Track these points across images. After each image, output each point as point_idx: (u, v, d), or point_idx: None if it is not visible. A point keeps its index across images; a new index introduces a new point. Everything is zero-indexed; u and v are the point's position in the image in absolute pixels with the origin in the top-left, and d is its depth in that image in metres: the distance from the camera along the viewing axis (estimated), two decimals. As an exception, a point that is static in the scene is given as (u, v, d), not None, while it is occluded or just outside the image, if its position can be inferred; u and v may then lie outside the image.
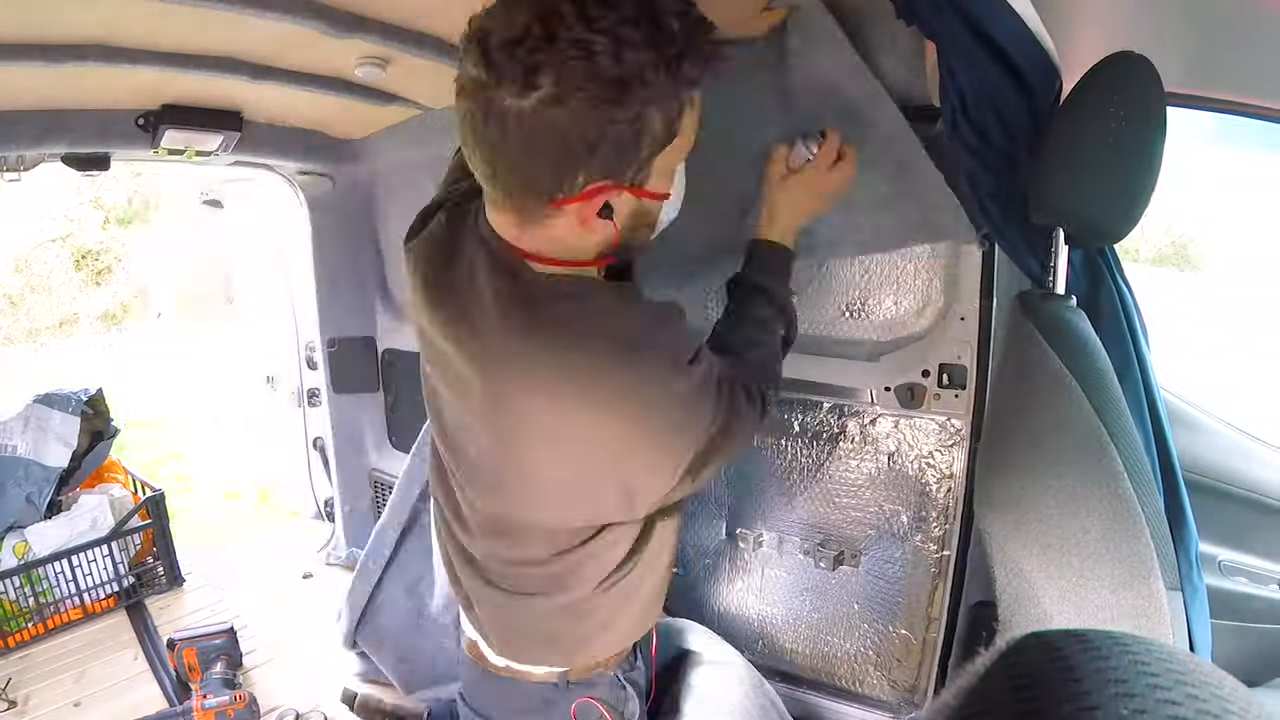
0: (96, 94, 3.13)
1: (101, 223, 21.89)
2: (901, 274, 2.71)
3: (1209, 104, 2.06)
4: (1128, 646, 0.60)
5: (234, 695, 2.33)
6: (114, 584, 3.02)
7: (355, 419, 4.97)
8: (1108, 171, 1.68)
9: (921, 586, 2.82)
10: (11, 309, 20.59)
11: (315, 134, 4.12)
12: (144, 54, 2.68)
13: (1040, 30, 1.82)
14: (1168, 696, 0.53)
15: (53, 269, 21.45)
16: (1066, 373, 1.71)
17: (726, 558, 3.22)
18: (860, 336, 2.85)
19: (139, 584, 3.12)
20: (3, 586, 2.80)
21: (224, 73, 2.87)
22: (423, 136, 3.78)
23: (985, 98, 1.86)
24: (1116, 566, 1.65)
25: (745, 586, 3.18)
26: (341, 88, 3.21)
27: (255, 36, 2.64)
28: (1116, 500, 1.64)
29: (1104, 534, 1.66)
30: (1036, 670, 0.61)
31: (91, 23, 2.45)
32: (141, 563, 3.18)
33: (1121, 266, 2.00)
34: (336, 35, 2.49)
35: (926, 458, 2.75)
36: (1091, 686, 0.56)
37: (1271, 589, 2.51)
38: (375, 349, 4.89)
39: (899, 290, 2.74)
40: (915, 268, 2.68)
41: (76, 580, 2.92)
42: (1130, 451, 1.68)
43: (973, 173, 1.97)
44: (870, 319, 2.82)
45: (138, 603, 3.08)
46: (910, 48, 2.29)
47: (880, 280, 2.76)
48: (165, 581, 3.21)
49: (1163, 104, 1.65)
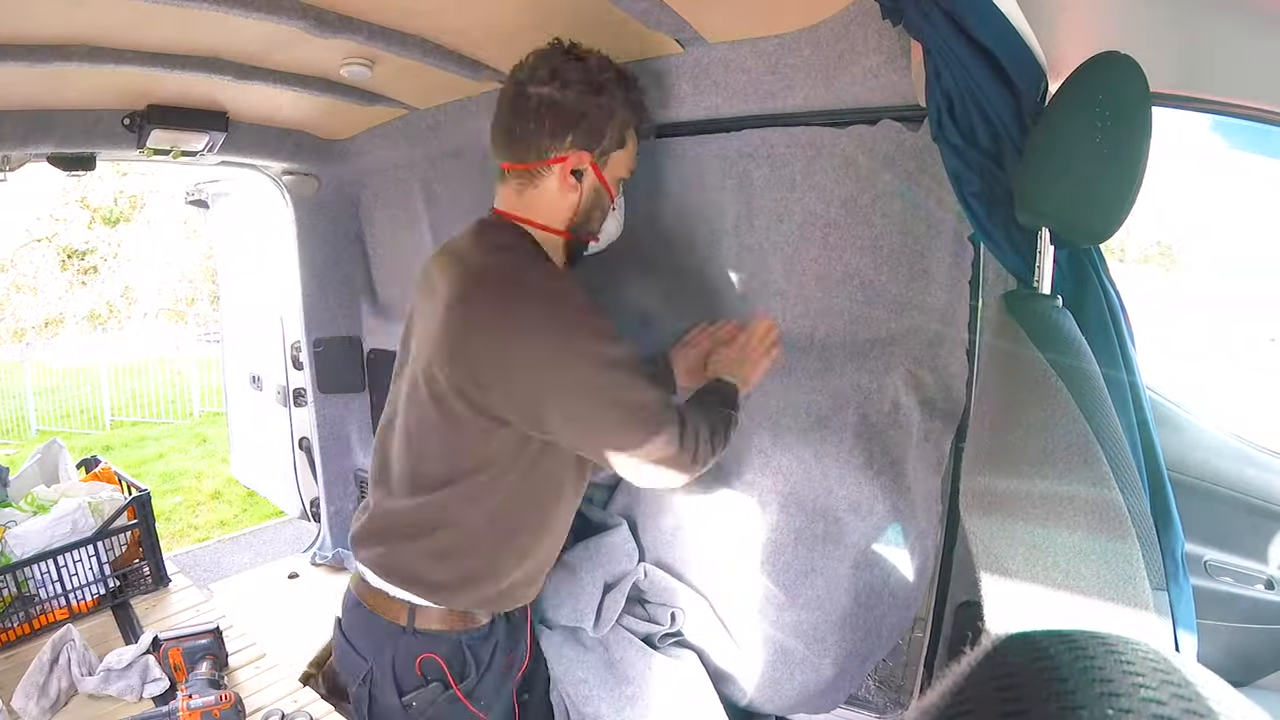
0: (82, 94, 3.14)
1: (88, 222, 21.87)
2: (888, 274, 2.72)
3: (1196, 104, 2.06)
4: (1113, 647, 0.60)
5: (219, 695, 2.32)
6: (99, 584, 3.01)
7: (341, 419, 4.98)
8: (1093, 172, 1.68)
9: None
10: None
11: (301, 134, 4.13)
12: (130, 54, 2.68)
13: (1026, 30, 1.82)
14: (1153, 696, 0.53)
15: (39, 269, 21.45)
16: (1052, 373, 1.71)
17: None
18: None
19: (125, 584, 3.10)
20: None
21: (209, 73, 2.86)
22: (409, 136, 3.79)
23: (971, 98, 1.87)
24: (1102, 566, 1.65)
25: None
26: (327, 88, 3.21)
27: (241, 36, 2.65)
28: (1102, 500, 1.64)
29: (1089, 534, 1.66)
30: (1021, 670, 0.61)
31: (77, 23, 2.45)
32: (127, 563, 3.17)
33: (1107, 266, 2.00)
34: (322, 35, 2.49)
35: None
36: (1077, 687, 0.56)
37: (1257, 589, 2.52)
38: (361, 349, 4.89)
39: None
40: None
41: (62, 580, 2.91)
42: (1116, 451, 1.68)
43: (958, 173, 1.97)
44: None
45: (123, 603, 3.07)
46: (896, 48, 2.29)
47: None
48: (151, 581, 3.19)
49: (1149, 104, 1.64)
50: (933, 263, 2.62)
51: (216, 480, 9.76)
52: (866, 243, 2.73)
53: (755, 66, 2.61)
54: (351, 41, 2.60)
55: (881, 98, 2.46)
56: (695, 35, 2.57)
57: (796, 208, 2.86)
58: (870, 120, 2.59)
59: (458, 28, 2.69)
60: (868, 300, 2.79)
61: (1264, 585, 2.51)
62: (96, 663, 2.54)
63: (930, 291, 2.65)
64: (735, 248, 3.05)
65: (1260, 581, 2.52)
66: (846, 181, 2.71)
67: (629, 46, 2.72)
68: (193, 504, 9.07)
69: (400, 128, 3.83)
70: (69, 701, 2.48)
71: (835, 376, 2.87)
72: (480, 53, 2.90)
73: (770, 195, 2.91)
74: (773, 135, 2.82)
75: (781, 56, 2.54)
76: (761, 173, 2.90)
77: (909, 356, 2.71)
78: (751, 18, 2.48)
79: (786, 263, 2.93)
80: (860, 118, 2.60)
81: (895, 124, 2.55)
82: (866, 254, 2.74)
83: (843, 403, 2.86)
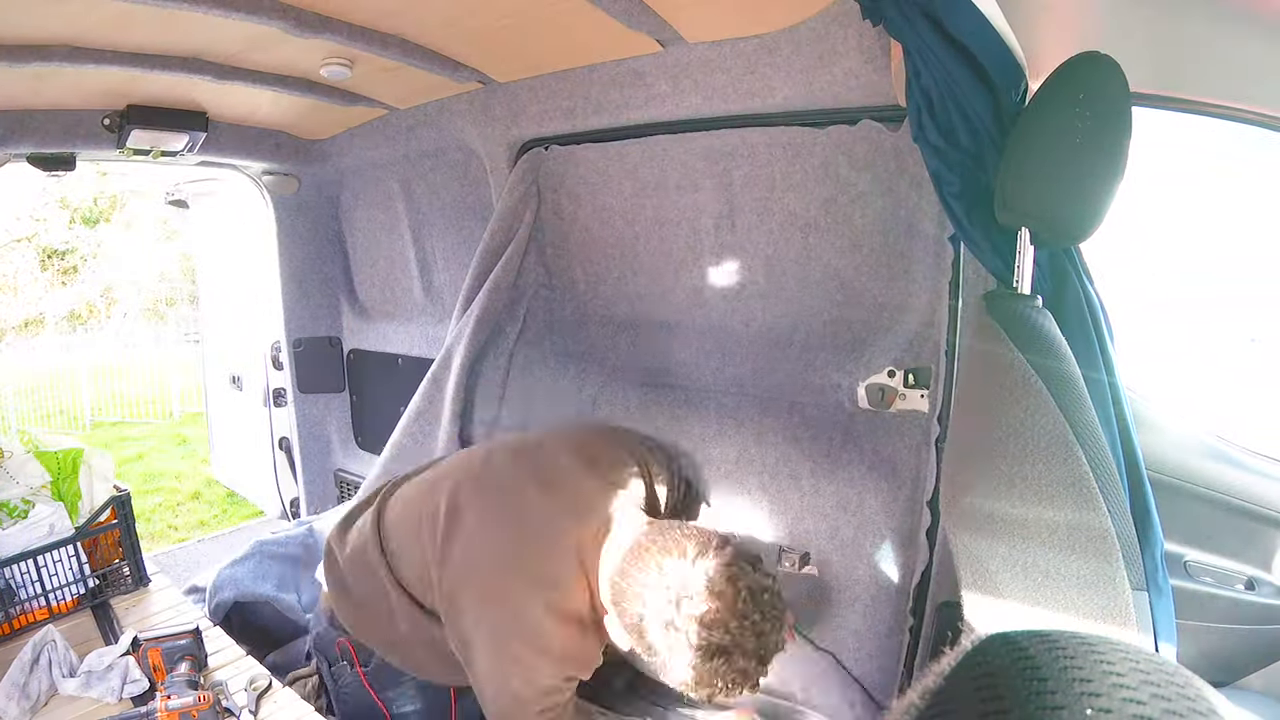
0: (62, 94, 3.13)
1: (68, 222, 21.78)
2: (868, 274, 2.72)
3: (1176, 105, 2.06)
4: (1093, 646, 0.60)
5: (198, 696, 2.30)
6: (79, 584, 3.00)
7: (321, 419, 4.98)
8: (1073, 172, 1.68)
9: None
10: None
11: (281, 134, 4.12)
12: (110, 54, 2.67)
13: (1006, 30, 1.82)
14: (1133, 696, 0.53)
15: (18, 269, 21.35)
16: (1032, 372, 1.71)
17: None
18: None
19: (104, 584, 3.09)
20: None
21: (189, 73, 2.86)
22: (388, 136, 3.79)
23: (951, 98, 1.86)
24: (1082, 566, 1.65)
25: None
26: (307, 88, 3.20)
27: (220, 36, 2.64)
28: (1082, 500, 1.65)
29: (1069, 534, 1.67)
30: (1002, 670, 0.61)
31: (57, 23, 2.44)
32: (108, 563, 3.15)
33: (1087, 266, 2.00)
34: (302, 35, 2.49)
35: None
36: (1057, 686, 0.56)
37: (1237, 589, 2.52)
38: (341, 349, 4.88)
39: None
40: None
41: (42, 580, 2.89)
42: (1096, 451, 1.68)
43: (938, 172, 1.97)
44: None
45: (103, 603, 3.05)
46: (876, 48, 2.29)
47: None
48: (131, 582, 3.18)
49: (1129, 104, 1.65)
50: (912, 263, 2.63)
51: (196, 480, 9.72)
52: (846, 243, 2.74)
53: (735, 66, 2.61)
54: (331, 41, 2.60)
55: (861, 98, 2.46)
56: (675, 35, 2.56)
57: (777, 208, 2.87)
58: (850, 121, 2.60)
59: (437, 27, 2.68)
60: (848, 300, 2.79)
61: (1244, 585, 2.52)
62: (77, 663, 2.53)
63: (910, 292, 2.66)
64: (716, 247, 3.06)
65: (1240, 582, 2.52)
66: (826, 182, 2.72)
67: (608, 46, 2.72)
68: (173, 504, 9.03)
69: (380, 128, 3.84)
70: (49, 702, 2.47)
71: (816, 375, 2.88)
72: (459, 53, 2.89)
73: (750, 195, 2.92)
74: (752, 135, 2.82)
75: (762, 57, 2.54)
76: (741, 172, 2.91)
77: (889, 356, 2.71)
78: (732, 18, 2.48)
79: (767, 263, 2.94)
80: (840, 118, 2.60)
81: (875, 124, 2.55)
82: (846, 254, 2.75)
83: (824, 402, 2.86)
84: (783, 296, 2.96)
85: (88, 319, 22.11)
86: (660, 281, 3.30)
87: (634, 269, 3.35)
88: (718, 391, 3.24)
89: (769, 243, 2.94)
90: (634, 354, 3.52)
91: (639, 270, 3.35)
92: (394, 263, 4.48)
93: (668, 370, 3.39)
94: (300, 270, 4.71)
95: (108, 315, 22.31)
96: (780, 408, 3.01)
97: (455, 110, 3.45)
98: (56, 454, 3.08)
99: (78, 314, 22.01)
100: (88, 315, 22.15)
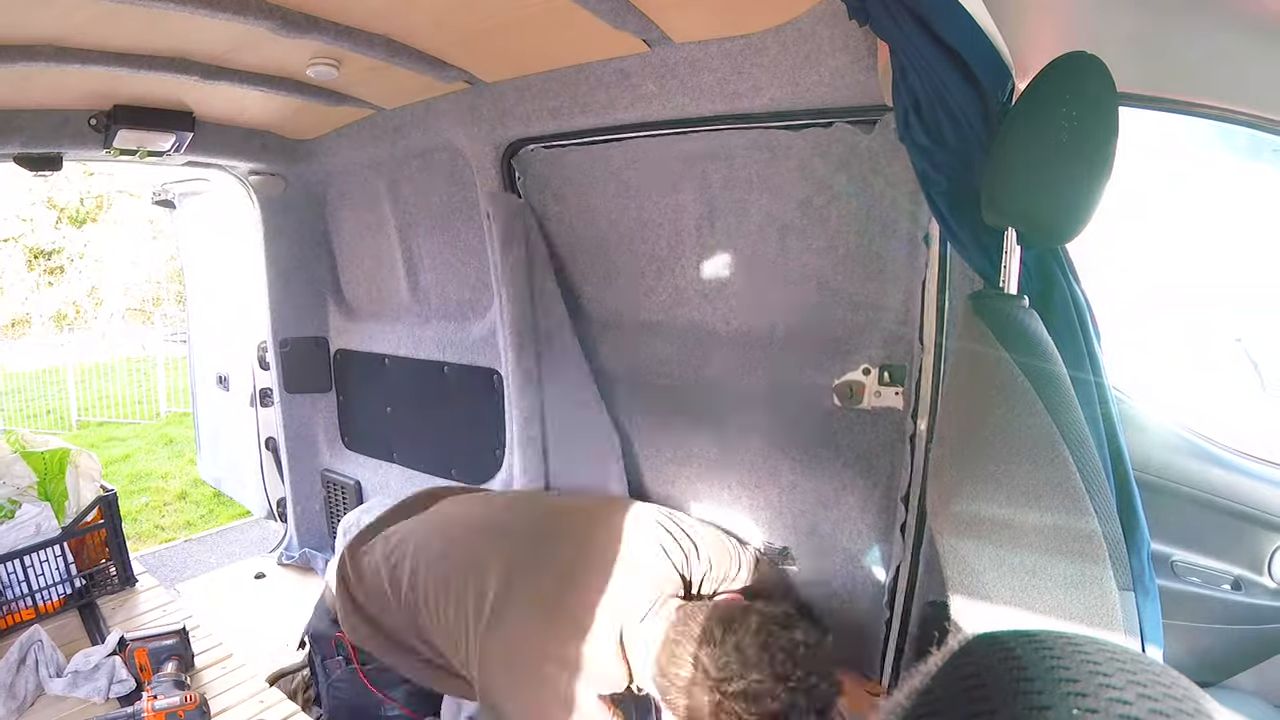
0: (48, 94, 3.12)
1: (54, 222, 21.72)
2: (844, 274, 2.74)
3: (1163, 104, 2.07)
4: (1080, 646, 0.60)
5: (185, 696, 2.30)
6: (66, 584, 3.00)
7: (307, 419, 4.97)
8: (1059, 172, 1.68)
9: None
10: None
11: (268, 134, 4.12)
12: (96, 54, 2.66)
13: (993, 30, 1.82)
14: (1120, 696, 0.53)
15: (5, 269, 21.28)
16: (1019, 372, 1.71)
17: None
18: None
19: (91, 584, 3.09)
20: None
21: (176, 73, 2.85)
22: (375, 136, 3.79)
23: (938, 98, 1.86)
24: (1069, 566, 1.65)
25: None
26: (294, 88, 3.20)
27: (207, 36, 2.63)
28: (1069, 500, 1.65)
29: (1056, 534, 1.67)
30: (988, 670, 0.61)
31: (43, 23, 2.43)
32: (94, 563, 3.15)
33: (1074, 266, 2.01)
34: (288, 35, 2.48)
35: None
36: (1043, 686, 0.56)
37: (1224, 589, 2.53)
38: (327, 349, 4.87)
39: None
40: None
41: (29, 580, 2.89)
42: (1082, 451, 1.68)
43: (925, 172, 1.97)
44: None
45: (90, 603, 3.05)
46: (862, 48, 2.29)
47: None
48: (118, 582, 3.18)
49: (1115, 104, 1.65)
50: (888, 262, 2.66)
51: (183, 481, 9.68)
52: (823, 243, 2.76)
53: (722, 66, 2.61)
54: (318, 41, 2.59)
55: (848, 97, 2.46)
56: (662, 35, 2.57)
57: (754, 209, 2.89)
58: (824, 124, 2.62)
59: (424, 28, 2.68)
60: (825, 299, 2.81)
61: (1230, 585, 2.52)
62: (64, 663, 2.53)
63: (886, 290, 2.69)
64: (697, 248, 3.07)
65: (1227, 581, 2.52)
66: (803, 183, 2.75)
67: (594, 46, 2.72)
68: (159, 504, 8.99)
69: (367, 128, 3.84)
70: (35, 701, 2.46)
71: (795, 373, 2.89)
72: (446, 53, 2.89)
73: (729, 197, 2.94)
74: (731, 138, 2.84)
75: (749, 56, 2.54)
76: (720, 174, 2.93)
77: (865, 354, 2.73)
78: (718, 18, 2.48)
79: (746, 263, 2.95)
80: (825, 118, 2.61)
81: (848, 127, 2.58)
82: (823, 254, 2.77)
83: (803, 399, 2.88)
84: (762, 296, 2.99)
85: (74, 319, 22.05)
86: (642, 281, 3.31)
87: (617, 269, 3.37)
88: (699, 389, 3.26)
89: (748, 243, 2.96)
90: (617, 352, 3.54)
91: (622, 270, 3.37)
92: (381, 263, 4.48)
93: (650, 368, 3.40)
94: (287, 270, 4.71)
95: (95, 315, 22.25)
96: (760, 405, 3.04)
97: (442, 110, 3.45)
98: (43, 454, 3.08)
99: (64, 314, 21.94)
100: (74, 315, 22.09)
